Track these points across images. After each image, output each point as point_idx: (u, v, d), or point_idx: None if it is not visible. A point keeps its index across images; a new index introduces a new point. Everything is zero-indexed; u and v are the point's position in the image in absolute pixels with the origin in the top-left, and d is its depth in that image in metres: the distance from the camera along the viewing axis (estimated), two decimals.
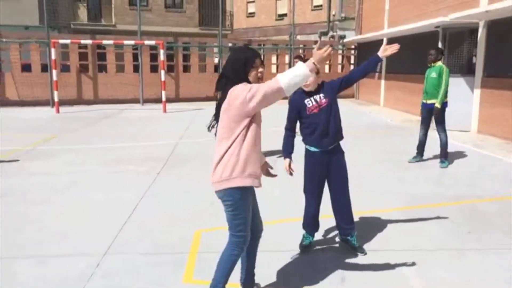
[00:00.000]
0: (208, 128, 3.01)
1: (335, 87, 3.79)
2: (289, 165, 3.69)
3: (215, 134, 2.89)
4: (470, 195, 5.67)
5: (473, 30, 11.03)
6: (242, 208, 2.84)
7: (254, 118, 2.80)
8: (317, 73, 3.71)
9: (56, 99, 15.32)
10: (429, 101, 7.25)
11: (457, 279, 3.44)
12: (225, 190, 2.78)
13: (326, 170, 3.81)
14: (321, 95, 3.73)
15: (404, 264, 3.67)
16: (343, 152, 3.88)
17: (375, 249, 3.98)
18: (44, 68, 17.45)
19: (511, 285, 3.33)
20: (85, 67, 18.51)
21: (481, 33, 10.70)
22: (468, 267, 3.66)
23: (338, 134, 3.78)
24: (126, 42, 16.96)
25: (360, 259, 3.81)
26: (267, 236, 4.27)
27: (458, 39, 11.54)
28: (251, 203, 2.92)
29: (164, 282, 3.41)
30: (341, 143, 3.87)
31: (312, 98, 3.72)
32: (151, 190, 5.90)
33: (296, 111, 3.80)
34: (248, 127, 2.77)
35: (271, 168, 3.25)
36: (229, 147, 2.76)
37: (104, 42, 16.92)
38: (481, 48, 10.74)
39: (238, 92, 2.70)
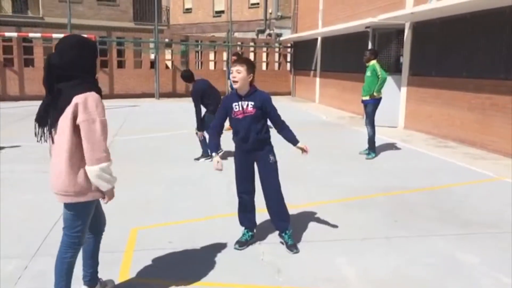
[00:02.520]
0: (39, 139, 2.65)
1: (265, 109, 3.76)
2: (217, 162, 3.65)
3: (52, 139, 2.61)
4: (397, 186, 6.01)
5: (400, 31, 11.66)
6: (85, 214, 2.70)
7: None
8: (251, 81, 3.72)
9: None
10: (364, 98, 7.77)
11: (386, 266, 3.64)
12: (73, 203, 2.60)
13: (253, 164, 3.87)
14: (251, 103, 3.71)
15: (337, 254, 3.83)
16: (270, 147, 3.86)
17: (310, 240, 4.12)
18: None
19: (435, 270, 3.58)
20: (10, 61, 17.43)
21: (407, 33, 11.32)
22: (396, 254, 3.88)
23: (259, 143, 3.77)
24: (55, 35, 16.16)
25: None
26: (204, 231, 4.30)
27: (387, 39, 12.13)
28: (93, 208, 2.77)
29: None
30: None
31: (240, 103, 3.72)
32: None
33: (225, 110, 3.83)
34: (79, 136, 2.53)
35: None
36: (72, 157, 2.53)
37: (31, 35, 16.06)
38: (407, 48, 11.37)
39: (89, 108, 2.47)
